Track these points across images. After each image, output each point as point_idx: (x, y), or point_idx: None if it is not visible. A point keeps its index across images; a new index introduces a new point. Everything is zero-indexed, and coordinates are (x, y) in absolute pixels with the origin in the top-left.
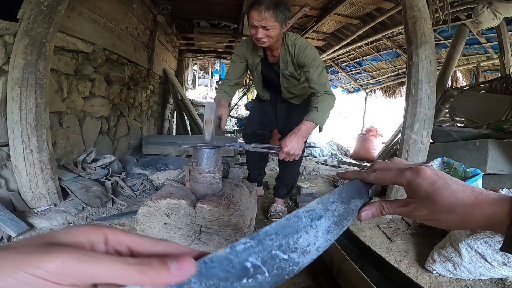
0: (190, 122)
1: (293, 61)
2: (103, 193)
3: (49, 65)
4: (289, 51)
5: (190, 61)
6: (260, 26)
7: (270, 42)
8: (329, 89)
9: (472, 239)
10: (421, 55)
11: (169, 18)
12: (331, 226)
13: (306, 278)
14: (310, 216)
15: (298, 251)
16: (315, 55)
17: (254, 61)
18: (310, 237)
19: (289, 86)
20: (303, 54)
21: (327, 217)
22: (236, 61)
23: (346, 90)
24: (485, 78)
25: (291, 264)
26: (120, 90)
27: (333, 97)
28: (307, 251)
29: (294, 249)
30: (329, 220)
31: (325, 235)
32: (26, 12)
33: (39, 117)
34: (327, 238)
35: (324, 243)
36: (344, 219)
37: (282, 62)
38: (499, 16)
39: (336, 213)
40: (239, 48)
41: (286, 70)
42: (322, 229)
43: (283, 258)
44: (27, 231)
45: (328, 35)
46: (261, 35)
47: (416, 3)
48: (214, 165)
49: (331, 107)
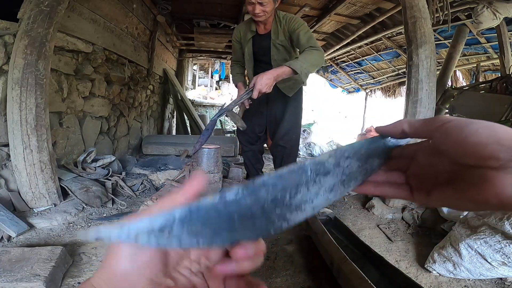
0: (190, 122)
1: (284, 30)
2: (103, 193)
3: (49, 65)
4: (281, 22)
5: (190, 61)
6: (257, 2)
7: (265, 16)
8: (316, 45)
9: (472, 239)
10: (421, 55)
11: (169, 18)
12: (337, 184)
13: (306, 278)
14: (317, 170)
15: (292, 208)
16: (304, 23)
17: (247, 37)
18: (309, 194)
19: (279, 59)
20: (294, 21)
21: (335, 174)
22: (235, 44)
23: (346, 90)
24: (485, 78)
25: (281, 219)
26: (120, 90)
27: (319, 52)
28: (301, 209)
29: (288, 205)
30: (336, 177)
31: (326, 194)
32: (26, 12)
33: (39, 117)
34: (328, 197)
35: (323, 202)
36: (353, 179)
37: (273, 33)
38: (499, 16)
39: (347, 171)
40: (235, 31)
41: (277, 39)
42: (326, 186)
43: (275, 212)
44: (27, 231)
45: (328, 35)
46: (258, 10)
47: (416, 3)
48: (214, 165)
49: (315, 60)
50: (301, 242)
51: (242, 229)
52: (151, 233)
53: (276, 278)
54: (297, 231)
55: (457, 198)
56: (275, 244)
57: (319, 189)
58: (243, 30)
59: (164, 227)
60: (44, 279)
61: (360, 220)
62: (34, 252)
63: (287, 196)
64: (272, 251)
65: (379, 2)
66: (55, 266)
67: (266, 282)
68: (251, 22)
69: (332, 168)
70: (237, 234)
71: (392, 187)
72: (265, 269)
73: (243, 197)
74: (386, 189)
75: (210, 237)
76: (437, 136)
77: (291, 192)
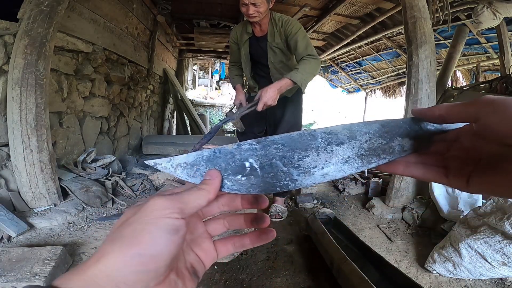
0: (190, 122)
1: (280, 32)
2: (103, 193)
3: (49, 65)
4: (276, 24)
5: (190, 61)
6: (250, 3)
7: (260, 17)
8: (314, 53)
9: (472, 239)
10: (421, 55)
11: (169, 18)
12: (353, 157)
13: (306, 278)
14: (328, 138)
15: (300, 169)
16: (300, 27)
17: (243, 39)
18: (319, 160)
19: (276, 61)
20: (290, 25)
21: (351, 146)
22: (232, 45)
23: (346, 90)
24: (485, 78)
25: (288, 178)
26: (120, 90)
27: (317, 61)
28: (310, 173)
29: (296, 166)
30: (352, 150)
31: (339, 164)
32: (26, 12)
33: (39, 117)
34: (342, 168)
35: (335, 172)
36: (375, 155)
37: (270, 35)
38: (499, 16)
39: (366, 146)
40: (232, 32)
41: (274, 41)
42: (339, 156)
43: (281, 170)
44: (27, 231)
45: (328, 35)
46: (251, 11)
47: (416, 3)
48: None
49: (313, 69)
50: (301, 242)
51: (251, 176)
52: (186, 166)
53: (276, 278)
54: (297, 231)
55: (502, 184)
56: (275, 244)
57: (330, 158)
58: (239, 31)
59: (195, 162)
60: (44, 279)
61: (360, 220)
62: (34, 252)
63: (295, 156)
64: (272, 251)
65: (379, 2)
66: (55, 266)
67: (266, 282)
68: (247, 24)
69: (346, 140)
70: (247, 180)
71: (424, 168)
72: (265, 269)
73: (255, 149)
74: (417, 170)
75: (227, 176)
76: (484, 116)
77: (300, 154)
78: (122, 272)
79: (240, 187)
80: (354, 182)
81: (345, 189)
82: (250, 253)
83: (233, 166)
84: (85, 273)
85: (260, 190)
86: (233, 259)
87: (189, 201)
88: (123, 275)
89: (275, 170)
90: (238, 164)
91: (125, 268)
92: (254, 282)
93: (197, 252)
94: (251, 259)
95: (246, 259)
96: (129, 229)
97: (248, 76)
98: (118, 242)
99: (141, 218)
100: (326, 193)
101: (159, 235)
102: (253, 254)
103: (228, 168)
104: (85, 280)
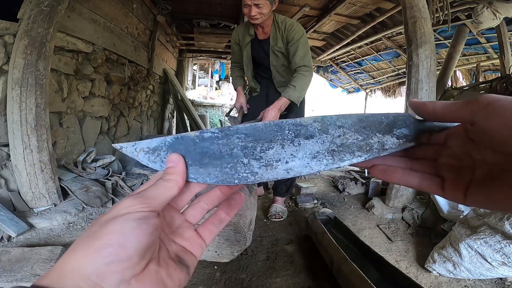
0: (190, 122)
1: (282, 36)
2: (103, 193)
3: (49, 65)
4: (279, 28)
5: (190, 61)
6: (253, 4)
7: (262, 18)
8: (310, 64)
9: (472, 239)
10: (421, 55)
11: (169, 18)
12: (323, 153)
13: (306, 278)
14: (296, 131)
15: (262, 162)
16: (303, 34)
17: (245, 41)
18: (283, 153)
19: (278, 65)
20: (293, 30)
21: (321, 141)
22: (233, 46)
23: (346, 90)
24: (485, 78)
25: (248, 171)
26: (120, 90)
27: (311, 73)
28: (272, 166)
29: (258, 157)
30: (322, 145)
31: (306, 159)
32: (26, 12)
33: (39, 117)
34: (309, 164)
35: (300, 168)
36: (349, 152)
37: (272, 39)
38: (499, 16)
39: (339, 141)
40: (233, 33)
41: (276, 46)
42: (307, 151)
43: (241, 161)
44: (27, 231)
45: (328, 35)
46: (254, 13)
47: (416, 3)
48: None
49: (308, 84)
50: (301, 242)
51: (210, 165)
52: (148, 151)
53: (276, 278)
54: (297, 231)
55: (504, 197)
56: (275, 244)
57: (297, 151)
58: (241, 32)
59: (156, 147)
60: None
61: (360, 220)
62: (34, 252)
63: (257, 148)
64: (272, 251)
65: (379, 2)
66: None
67: (266, 282)
68: (249, 25)
69: (316, 133)
70: (205, 169)
71: (420, 177)
72: (265, 269)
73: (217, 137)
74: (413, 179)
75: (188, 164)
76: (482, 118)
77: (263, 146)
78: (92, 264)
79: (197, 176)
80: (354, 182)
81: (345, 189)
82: (250, 253)
83: (192, 153)
84: (59, 270)
85: (217, 180)
86: (233, 259)
87: (156, 195)
88: (93, 268)
89: (234, 161)
90: (198, 151)
91: (95, 260)
92: (254, 282)
93: (180, 243)
94: (251, 259)
95: (246, 259)
96: (97, 226)
97: (250, 77)
98: (86, 237)
99: (108, 216)
100: (326, 193)
101: (126, 224)
102: (253, 254)
103: (188, 155)
104: (59, 277)
